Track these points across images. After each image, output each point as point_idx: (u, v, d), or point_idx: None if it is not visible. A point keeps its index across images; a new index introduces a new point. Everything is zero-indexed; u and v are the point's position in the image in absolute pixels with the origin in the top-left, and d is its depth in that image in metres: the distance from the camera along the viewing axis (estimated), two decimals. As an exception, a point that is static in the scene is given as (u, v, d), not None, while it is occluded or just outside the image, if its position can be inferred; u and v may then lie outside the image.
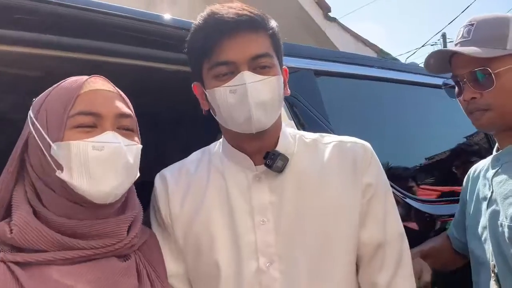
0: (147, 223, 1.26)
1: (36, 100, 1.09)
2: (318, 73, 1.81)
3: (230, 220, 1.19)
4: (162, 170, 1.31)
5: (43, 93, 1.09)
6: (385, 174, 1.29)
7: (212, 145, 1.34)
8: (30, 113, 1.06)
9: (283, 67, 1.24)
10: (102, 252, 1.00)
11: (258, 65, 1.14)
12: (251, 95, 1.11)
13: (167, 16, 1.58)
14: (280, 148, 1.22)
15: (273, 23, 1.21)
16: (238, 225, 1.18)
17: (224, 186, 1.23)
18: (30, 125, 1.04)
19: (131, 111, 1.09)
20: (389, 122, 2.13)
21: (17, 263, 0.93)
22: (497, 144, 1.46)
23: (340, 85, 1.93)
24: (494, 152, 1.46)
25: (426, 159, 2.32)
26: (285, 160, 1.20)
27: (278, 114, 1.21)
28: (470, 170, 1.61)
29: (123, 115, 1.05)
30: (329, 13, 6.84)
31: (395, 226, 1.27)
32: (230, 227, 1.19)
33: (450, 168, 2.37)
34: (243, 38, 1.14)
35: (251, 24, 1.15)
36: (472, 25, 1.37)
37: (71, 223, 0.99)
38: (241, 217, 1.19)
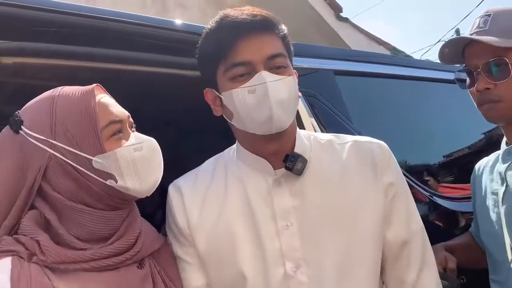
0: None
1: (33, 124, 1.02)
2: (337, 72, 1.79)
3: (253, 227, 1.17)
4: (175, 181, 1.29)
5: (36, 113, 1.03)
6: (402, 173, 1.28)
7: (226, 152, 1.31)
8: (35, 135, 1.00)
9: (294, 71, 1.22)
10: (124, 259, 1.04)
11: (274, 65, 1.14)
12: (271, 94, 1.10)
13: (178, 22, 1.59)
14: (298, 149, 1.20)
15: (283, 26, 1.20)
16: (262, 231, 1.17)
17: (243, 192, 1.20)
18: (48, 149, 1.00)
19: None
20: (410, 119, 2.11)
21: (48, 267, 0.97)
22: (505, 138, 1.43)
23: (359, 84, 1.91)
24: (504, 145, 1.43)
25: (448, 156, 2.29)
26: (305, 162, 1.18)
27: (295, 114, 1.20)
28: (474, 168, 1.59)
29: (130, 116, 1.12)
30: (340, 13, 6.81)
31: (417, 222, 1.26)
32: (253, 234, 1.17)
33: (473, 164, 2.33)
34: (258, 38, 1.13)
35: (265, 25, 1.15)
36: (488, 15, 1.35)
37: (92, 248, 1.01)
38: (264, 223, 1.17)
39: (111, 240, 1.04)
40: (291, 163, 1.17)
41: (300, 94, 1.22)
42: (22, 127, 1.02)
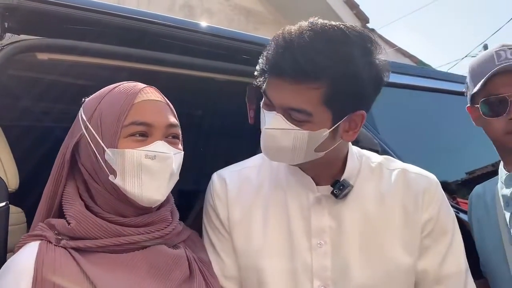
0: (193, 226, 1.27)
1: (88, 102, 1.12)
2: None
3: (288, 238, 1.18)
4: (220, 171, 1.29)
5: (95, 96, 1.13)
6: (450, 209, 1.24)
7: None
8: (82, 115, 1.10)
9: (360, 112, 1.10)
10: (153, 237, 1.06)
11: (291, 115, 1.06)
12: (264, 139, 1.12)
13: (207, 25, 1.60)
14: (347, 175, 1.18)
15: (334, 65, 1.02)
16: (295, 244, 1.17)
17: (284, 203, 1.20)
18: (83, 128, 1.09)
19: (177, 119, 1.13)
20: (438, 132, 2.07)
21: (76, 250, 1.00)
22: (502, 163, 1.48)
23: (388, 95, 1.88)
24: (503, 171, 1.46)
25: (471, 172, 2.24)
26: (350, 188, 1.17)
27: (309, 159, 1.12)
28: (470, 196, 1.60)
29: (172, 125, 1.10)
30: (367, 24, 6.79)
31: (458, 263, 1.21)
32: (287, 245, 1.17)
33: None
34: (285, 85, 1.04)
35: (302, 72, 1.02)
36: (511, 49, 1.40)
37: (119, 219, 1.06)
38: (299, 237, 1.17)
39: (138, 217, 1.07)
40: (339, 190, 1.16)
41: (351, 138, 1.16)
42: (82, 104, 1.13)
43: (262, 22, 6.55)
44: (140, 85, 1.11)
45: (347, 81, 1.04)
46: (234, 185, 1.24)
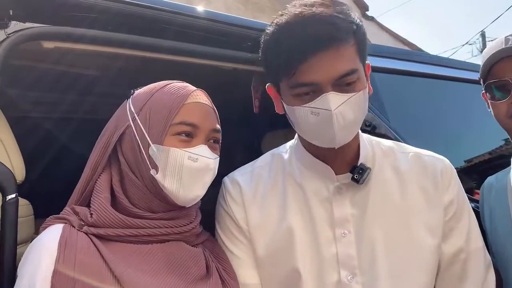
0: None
1: (138, 95, 1.14)
2: (374, 69, 1.75)
3: (312, 231, 1.16)
4: (232, 174, 1.27)
5: (145, 90, 1.14)
6: (463, 190, 1.25)
7: (282, 149, 1.29)
8: (131, 106, 1.12)
9: (367, 62, 1.15)
10: (172, 232, 1.08)
11: (343, 83, 1.05)
12: (336, 121, 1.04)
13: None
14: (363, 158, 1.18)
15: (355, 19, 1.09)
16: (319, 236, 1.16)
17: (302, 197, 1.19)
18: (130, 119, 1.11)
19: (220, 125, 1.16)
20: (448, 120, 2.05)
21: (96, 236, 1.04)
22: None
23: (397, 82, 1.87)
24: None
25: (489, 159, 2.23)
26: (370, 171, 1.16)
27: (360, 125, 1.15)
28: (482, 186, 1.60)
29: (216, 130, 1.13)
30: (366, 12, 6.76)
31: (478, 241, 1.24)
32: (311, 238, 1.16)
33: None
34: (328, 56, 1.03)
35: (337, 38, 1.03)
36: None
37: (145, 213, 1.07)
38: (322, 229, 1.16)
39: (165, 213, 1.09)
40: (359, 175, 1.14)
41: (371, 90, 1.15)
42: (131, 96, 1.15)
43: (261, 10, 6.50)
44: (191, 87, 1.14)
45: (363, 31, 1.11)
46: (248, 186, 1.22)
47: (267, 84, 1.20)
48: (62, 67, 1.48)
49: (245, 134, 2.40)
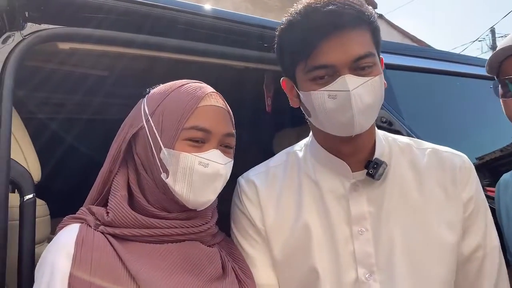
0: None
1: (153, 95, 1.12)
2: (388, 66, 1.74)
3: (328, 229, 1.15)
4: (246, 174, 1.27)
5: (161, 90, 1.13)
6: (481, 186, 1.24)
7: (296, 147, 1.28)
8: (145, 107, 1.11)
9: (380, 57, 1.15)
10: (188, 232, 1.07)
11: (360, 66, 1.05)
12: (354, 102, 1.04)
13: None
14: (378, 154, 1.17)
15: (371, 11, 1.11)
16: (336, 233, 1.15)
17: (318, 194, 1.18)
18: (144, 120, 1.10)
19: (234, 128, 1.14)
20: (461, 117, 2.04)
21: (113, 236, 1.05)
22: None
23: (410, 79, 1.86)
24: None
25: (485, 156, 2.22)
26: (385, 166, 1.15)
27: (377, 114, 1.14)
28: (497, 184, 1.59)
29: (229, 135, 1.11)
30: (375, 10, 6.74)
31: (494, 238, 1.22)
32: (328, 235, 1.15)
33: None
34: (345, 37, 1.04)
35: (352, 21, 1.05)
36: None
37: (161, 213, 1.08)
38: (339, 226, 1.15)
39: (181, 213, 1.08)
40: (373, 169, 1.13)
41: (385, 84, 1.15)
42: (146, 96, 1.13)
43: (270, 10, 6.49)
44: (207, 88, 1.12)
45: (376, 24, 1.11)
46: (264, 186, 1.22)
47: (282, 78, 1.20)
48: (77, 68, 1.49)
49: (256, 133, 2.40)
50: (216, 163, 1.06)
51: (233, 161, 1.13)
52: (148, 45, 1.36)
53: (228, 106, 1.14)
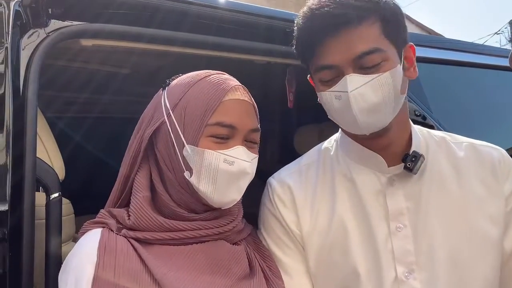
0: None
1: (174, 88, 1.06)
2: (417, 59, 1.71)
3: (366, 226, 1.11)
4: (278, 175, 1.22)
5: (182, 81, 1.07)
6: None
7: (326, 144, 1.25)
8: (166, 100, 1.05)
9: (408, 44, 1.11)
10: (212, 233, 1.03)
11: (365, 64, 1.02)
12: (355, 103, 1.01)
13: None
14: (415, 147, 1.12)
15: (384, 1, 1.05)
16: (375, 231, 1.10)
17: (353, 191, 1.14)
18: (165, 115, 1.04)
19: (259, 123, 1.09)
20: (491, 109, 1.99)
21: (135, 240, 1.01)
22: None
23: (439, 72, 1.81)
24: None
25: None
26: (423, 160, 1.11)
27: (396, 111, 1.08)
28: None
29: (254, 130, 1.06)
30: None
31: None
32: (366, 233, 1.11)
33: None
34: (345, 37, 1.01)
35: (355, 17, 1.01)
36: None
37: (184, 212, 1.04)
38: (377, 223, 1.10)
39: (207, 214, 1.05)
40: (411, 163, 1.09)
41: (416, 73, 1.12)
42: (166, 88, 1.08)
43: (285, 6, 6.45)
44: (232, 81, 1.06)
45: (391, 9, 1.06)
46: (298, 187, 1.17)
47: (308, 77, 1.17)
48: (101, 66, 1.48)
49: (278, 128, 2.37)
50: (242, 161, 1.01)
51: (258, 157, 1.08)
52: (172, 41, 1.34)
53: (253, 100, 1.09)
